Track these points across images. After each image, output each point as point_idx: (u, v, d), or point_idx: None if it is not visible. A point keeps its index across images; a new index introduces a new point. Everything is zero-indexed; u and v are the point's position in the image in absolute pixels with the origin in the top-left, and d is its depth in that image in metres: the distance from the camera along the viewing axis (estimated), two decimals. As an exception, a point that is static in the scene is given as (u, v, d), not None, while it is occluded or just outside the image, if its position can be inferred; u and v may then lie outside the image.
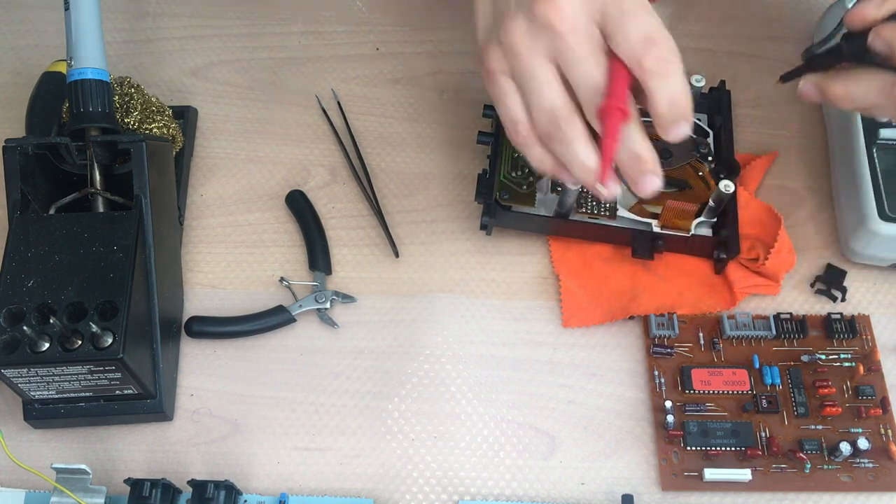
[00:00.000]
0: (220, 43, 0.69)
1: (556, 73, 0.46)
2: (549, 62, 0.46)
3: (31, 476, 0.50)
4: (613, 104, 0.44)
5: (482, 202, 0.57)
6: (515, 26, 0.46)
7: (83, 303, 0.48)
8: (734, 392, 0.54)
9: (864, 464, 0.52)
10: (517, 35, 0.46)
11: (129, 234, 0.51)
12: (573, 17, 0.45)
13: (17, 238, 0.50)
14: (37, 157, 0.53)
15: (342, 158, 0.64)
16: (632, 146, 0.46)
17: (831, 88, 0.50)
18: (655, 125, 0.46)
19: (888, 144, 0.58)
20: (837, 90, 0.50)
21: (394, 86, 0.68)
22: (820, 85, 0.51)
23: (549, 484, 0.52)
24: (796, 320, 0.56)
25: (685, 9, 0.71)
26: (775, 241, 0.56)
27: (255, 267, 0.59)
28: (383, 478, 0.52)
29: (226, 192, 0.62)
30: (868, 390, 0.54)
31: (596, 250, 0.59)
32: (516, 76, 0.47)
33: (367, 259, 0.60)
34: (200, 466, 0.52)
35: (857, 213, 0.57)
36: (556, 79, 0.46)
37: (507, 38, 0.47)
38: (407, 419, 0.53)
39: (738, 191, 0.57)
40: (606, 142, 0.45)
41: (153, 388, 0.51)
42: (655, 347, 0.55)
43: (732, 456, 0.52)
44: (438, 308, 0.57)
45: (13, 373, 0.47)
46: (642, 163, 0.46)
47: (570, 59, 0.45)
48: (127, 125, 0.57)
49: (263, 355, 0.56)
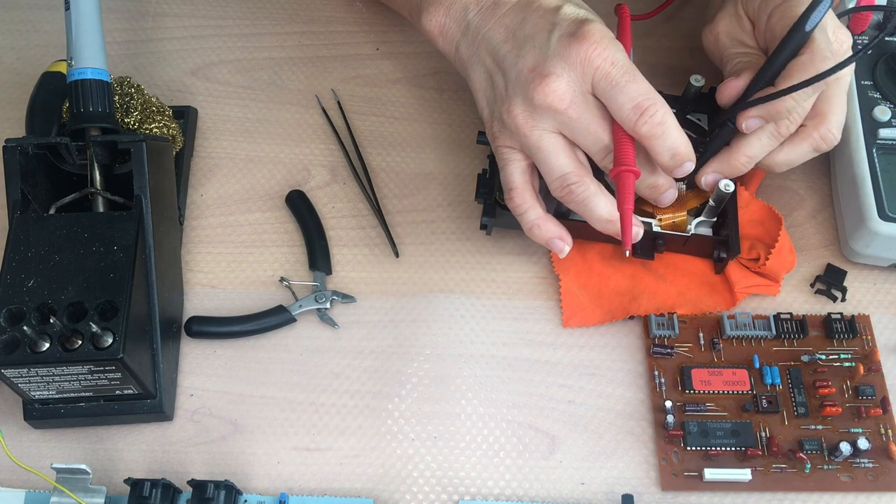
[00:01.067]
0: (220, 43, 0.69)
1: (562, 141, 0.51)
2: (553, 133, 0.51)
3: (31, 476, 0.50)
4: (623, 169, 0.49)
5: (482, 202, 0.57)
6: (516, 111, 0.51)
7: (83, 303, 0.48)
8: (734, 392, 0.54)
9: (864, 464, 0.52)
10: (519, 118, 0.51)
11: (129, 234, 0.51)
12: (570, 95, 0.49)
13: (17, 238, 0.50)
14: (37, 157, 0.53)
15: (342, 158, 0.64)
16: (648, 181, 0.52)
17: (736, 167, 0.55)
18: (661, 169, 0.51)
19: (888, 144, 0.58)
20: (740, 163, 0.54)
21: (394, 86, 0.68)
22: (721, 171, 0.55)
23: (549, 484, 0.52)
24: (796, 320, 0.56)
25: (684, 8, 0.71)
26: (775, 241, 0.56)
27: (255, 267, 0.59)
28: (383, 478, 0.52)
29: (226, 192, 0.62)
30: (868, 390, 0.54)
31: (596, 250, 0.59)
32: (524, 150, 0.52)
33: (367, 259, 0.60)
34: (200, 466, 0.52)
35: (857, 213, 0.57)
36: (561, 147, 0.51)
37: (511, 121, 0.51)
38: (407, 419, 0.53)
39: (738, 191, 0.57)
40: (624, 205, 0.49)
41: (153, 388, 0.51)
42: (655, 347, 0.55)
43: (732, 456, 0.52)
44: (438, 308, 0.57)
45: (13, 373, 0.47)
46: (659, 189, 0.53)
47: (575, 130, 0.50)
48: (127, 125, 0.57)
49: (263, 355, 0.56)
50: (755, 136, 0.53)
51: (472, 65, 0.54)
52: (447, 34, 0.56)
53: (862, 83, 0.60)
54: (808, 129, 0.54)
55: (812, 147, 0.54)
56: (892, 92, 0.60)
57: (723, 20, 0.58)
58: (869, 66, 0.61)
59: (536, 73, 0.49)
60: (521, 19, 0.51)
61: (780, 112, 0.51)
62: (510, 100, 0.51)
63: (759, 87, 0.52)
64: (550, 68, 0.49)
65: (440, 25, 0.56)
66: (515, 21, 0.52)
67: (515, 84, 0.51)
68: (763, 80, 0.52)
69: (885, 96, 0.60)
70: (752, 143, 0.53)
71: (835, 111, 0.53)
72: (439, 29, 0.56)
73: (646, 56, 0.69)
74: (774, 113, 0.51)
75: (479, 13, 0.54)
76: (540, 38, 0.50)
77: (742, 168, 0.54)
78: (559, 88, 0.49)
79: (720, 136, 0.54)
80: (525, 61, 0.50)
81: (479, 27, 0.53)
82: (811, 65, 0.50)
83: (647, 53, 0.69)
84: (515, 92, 0.51)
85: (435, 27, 0.56)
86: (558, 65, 0.49)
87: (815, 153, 0.55)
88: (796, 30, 0.50)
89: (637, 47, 0.69)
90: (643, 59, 0.68)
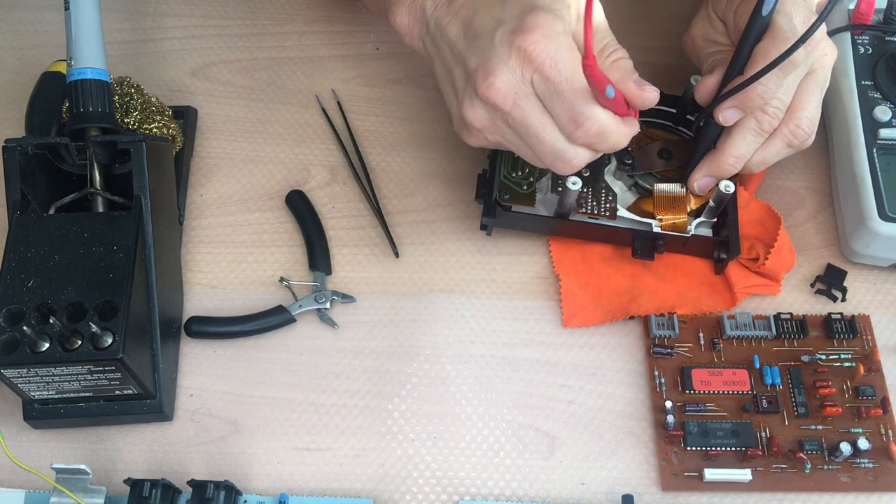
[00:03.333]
0: (220, 43, 0.69)
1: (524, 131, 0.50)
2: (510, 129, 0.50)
3: (31, 476, 0.50)
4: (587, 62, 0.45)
5: (482, 202, 0.57)
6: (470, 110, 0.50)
7: (83, 303, 0.48)
8: (734, 392, 0.54)
9: (865, 464, 0.52)
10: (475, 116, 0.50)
11: (128, 234, 0.50)
12: (512, 96, 0.48)
13: (17, 238, 0.50)
14: (37, 157, 0.53)
15: (342, 158, 0.64)
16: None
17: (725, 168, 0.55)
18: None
19: (888, 144, 0.58)
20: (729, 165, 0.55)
21: (394, 86, 0.68)
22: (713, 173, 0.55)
23: (549, 484, 0.52)
24: (796, 320, 0.56)
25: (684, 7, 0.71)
26: (775, 241, 0.56)
27: (254, 267, 0.59)
28: (383, 478, 0.52)
29: (226, 192, 0.62)
30: (868, 390, 0.54)
31: (596, 250, 0.59)
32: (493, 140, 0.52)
33: (367, 259, 0.60)
34: (200, 466, 0.52)
35: (857, 213, 0.57)
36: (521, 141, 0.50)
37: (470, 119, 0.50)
38: (407, 419, 0.53)
39: (738, 191, 0.57)
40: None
41: (153, 388, 0.51)
42: (655, 347, 0.55)
43: (732, 456, 0.52)
44: (438, 308, 0.57)
45: (13, 373, 0.47)
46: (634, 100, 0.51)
47: (519, 130, 0.49)
48: (127, 125, 0.57)
49: (263, 355, 0.56)
50: (739, 135, 0.53)
51: (434, 61, 0.54)
52: (412, 32, 0.54)
53: (862, 83, 0.60)
54: (780, 125, 0.54)
55: (784, 143, 0.54)
56: (892, 92, 0.60)
57: (696, 24, 0.58)
58: (869, 66, 0.61)
59: (480, 71, 0.48)
60: (473, 13, 0.50)
61: (753, 99, 0.51)
62: (465, 98, 0.50)
63: (731, 79, 0.52)
64: (492, 67, 0.48)
65: (405, 24, 0.54)
66: (468, 15, 0.50)
67: (467, 83, 0.50)
68: (734, 72, 0.52)
69: (885, 96, 0.60)
70: (738, 142, 0.54)
71: (805, 106, 0.54)
72: (404, 28, 0.55)
73: (646, 56, 0.68)
74: (748, 101, 0.51)
75: (437, 9, 0.52)
76: (486, 34, 0.49)
77: (731, 169, 0.54)
78: (501, 88, 0.48)
79: (704, 135, 0.55)
80: (472, 60, 0.49)
81: (438, 23, 0.52)
82: (773, 48, 0.50)
83: (646, 54, 0.69)
84: (467, 92, 0.50)
85: (401, 26, 0.55)
86: (499, 64, 0.47)
87: (789, 150, 0.55)
88: (755, 16, 0.50)
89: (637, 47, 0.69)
90: (643, 60, 0.68)
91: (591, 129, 0.47)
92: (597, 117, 0.47)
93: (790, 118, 0.54)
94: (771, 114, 0.53)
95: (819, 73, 0.54)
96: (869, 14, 0.62)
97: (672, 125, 0.61)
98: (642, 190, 0.58)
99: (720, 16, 0.57)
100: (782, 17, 0.51)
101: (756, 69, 0.50)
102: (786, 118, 0.54)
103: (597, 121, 0.47)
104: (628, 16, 0.71)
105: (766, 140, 0.54)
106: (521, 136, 0.50)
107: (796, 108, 0.54)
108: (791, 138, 0.54)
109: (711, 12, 0.57)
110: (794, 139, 0.54)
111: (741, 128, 0.53)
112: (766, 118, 0.53)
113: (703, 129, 0.55)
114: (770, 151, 0.55)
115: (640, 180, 0.58)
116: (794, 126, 0.54)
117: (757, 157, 0.55)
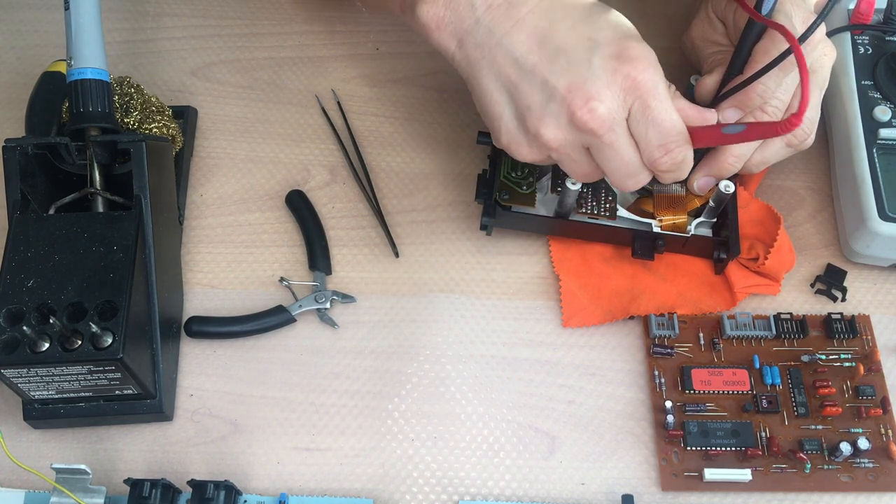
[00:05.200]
0: (220, 43, 0.69)
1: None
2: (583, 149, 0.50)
3: (31, 476, 0.50)
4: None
5: (482, 202, 0.57)
6: (548, 128, 0.49)
7: (83, 303, 0.48)
8: (734, 392, 0.54)
9: (865, 464, 0.52)
10: (550, 135, 0.49)
11: (128, 234, 0.50)
12: (609, 122, 0.47)
13: (17, 238, 0.50)
14: (37, 157, 0.53)
15: (342, 158, 0.64)
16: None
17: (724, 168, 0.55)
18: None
19: (888, 144, 0.58)
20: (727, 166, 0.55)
21: (394, 86, 0.68)
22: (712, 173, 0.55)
23: (549, 484, 0.52)
24: (796, 320, 0.56)
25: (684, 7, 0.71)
26: (775, 241, 0.56)
27: (254, 267, 0.59)
28: (383, 478, 0.52)
29: (226, 192, 0.62)
30: (868, 390, 0.54)
31: (596, 250, 0.59)
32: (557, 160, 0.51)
33: (367, 259, 0.60)
34: (200, 466, 0.52)
35: (857, 213, 0.57)
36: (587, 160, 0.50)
37: (544, 137, 0.49)
38: (407, 419, 0.53)
39: (738, 191, 0.57)
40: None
41: (153, 388, 0.51)
42: (655, 347, 0.55)
43: (732, 456, 0.52)
44: (438, 308, 0.57)
45: (13, 373, 0.47)
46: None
47: (603, 153, 0.49)
48: (127, 125, 0.57)
49: (263, 355, 0.56)
50: None
51: (482, 70, 0.50)
52: (447, 29, 0.51)
53: (862, 83, 0.60)
54: None
55: (784, 143, 0.54)
56: (892, 92, 0.60)
57: (696, 25, 0.59)
58: (869, 66, 0.61)
59: (578, 94, 0.47)
60: (549, 25, 0.48)
61: (752, 98, 0.51)
62: (547, 117, 0.48)
63: (731, 79, 0.52)
64: (595, 91, 0.47)
65: (438, 18, 0.51)
66: (541, 27, 0.48)
67: (551, 101, 0.48)
68: (734, 72, 0.52)
69: (886, 96, 0.60)
70: None
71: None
72: (437, 22, 0.51)
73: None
74: (747, 101, 0.51)
75: (490, 11, 0.49)
76: (578, 53, 0.47)
77: (731, 168, 0.54)
78: (602, 114, 0.47)
79: None
80: (561, 79, 0.47)
81: (492, 28, 0.49)
82: (773, 47, 0.50)
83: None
84: (549, 110, 0.48)
85: (432, 20, 0.51)
86: (603, 89, 0.47)
87: (789, 150, 0.55)
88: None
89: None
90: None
91: (678, 158, 0.49)
92: (685, 148, 0.49)
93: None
94: (770, 113, 0.53)
95: (818, 73, 0.54)
96: (869, 14, 0.62)
97: (672, 125, 0.61)
98: (642, 190, 0.58)
99: (720, 16, 0.57)
100: (781, 17, 0.51)
101: (756, 69, 0.50)
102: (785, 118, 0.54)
103: (684, 151, 0.49)
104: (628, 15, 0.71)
105: (766, 140, 0.54)
106: (600, 157, 0.49)
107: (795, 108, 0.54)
108: (790, 138, 0.54)
109: (711, 13, 0.58)
110: (794, 139, 0.54)
111: None
112: (765, 118, 0.53)
113: None
114: (770, 151, 0.55)
115: (640, 180, 0.58)
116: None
117: (757, 157, 0.55)
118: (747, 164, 0.55)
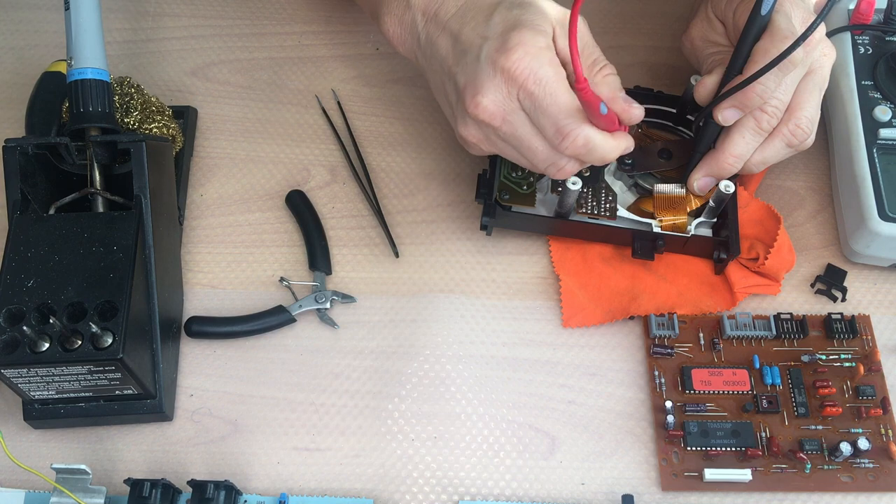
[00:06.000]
0: (220, 43, 0.69)
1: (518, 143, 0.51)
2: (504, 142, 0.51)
3: (31, 476, 0.50)
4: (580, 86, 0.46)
5: (482, 202, 0.57)
6: (464, 127, 0.51)
7: (83, 303, 0.48)
8: (734, 392, 0.54)
9: (865, 464, 0.52)
10: (470, 133, 0.51)
11: (129, 234, 0.50)
12: (500, 112, 0.49)
13: (17, 238, 0.50)
14: (37, 157, 0.53)
15: (342, 158, 0.64)
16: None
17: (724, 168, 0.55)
18: None
19: (888, 144, 0.58)
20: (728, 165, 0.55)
21: (394, 86, 0.68)
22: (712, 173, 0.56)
23: (549, 484, 0.52)
24: (796, 320, 0.56)
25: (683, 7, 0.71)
26: (775, 241, 0.56)
27: (254, 267, 0.59)
28: (383, 478, 0.52)
29: (226, 192, 0.62)
30: (868, 390, 0.54)
31: (596, 250, 0.59)
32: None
33: (367, 259, 0.60)
34: (200, 466, 0.52)
35: (857, 213, 0.57)
36: (516, 151, 0.51)
37: (465, 136, 0.52)
38: (407, 419, 0.53)
39: (738, 191, 0.57)
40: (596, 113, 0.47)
41: (153, 388, 0.51)
42: (656, 347, 0.55)
43: (732, 456, 0.52)
44: (438, 308, 0.57)
45: (13, 373, 0.47)
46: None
47: (512, 144, 0.51)
48: (127, 125, 0.57)
49: (263, 355, 0.56)
50: (738, 134, 0.53)
51: (429, 77, 0.55)
52: (404, 44, 0.56)
53: (862, 83, 0.60)
54: (779, 125, 0.54)
55: (784, 143, 0.55)
56: (892, 92, 0.60)
57: (696, 25, 0.59)
58: (869, 66, 0.61)
59: (468, 90, 0.49)
60: (459, 29, 0.51)
61: (752, 98, 0.51)
62: (457, 115, 0.52)
63: (730, 79, 0.52)
64: (479, 85, 0.49)
65: (396, 35, 0.56)
66: (457, 29, 0.51)
67: (458, 100, 0.51)
68: (733, 72, 0.52)
69: (886, 96, 0.60)
70: (737, 141, 0.54)
71: (804, 106, 0.54)
72: (395, 38, 0.56)
73: (646, 56, 0.69)
74: (747, 101, 0.51)
75: (427, 24, 0.53)
76: (473, 50, 0.50)
77: (731, 168, 0.55)
78: (489, 106, 0.49)
79: (704, 135, 0.55)
80: (461, 77, 0.50)
81: (429, 38, 0.53)
82: (772, 47, 0.50)
83: (647, 54, 0.69)
84: (458, 108, 0.51)
85: (392, 36, 0.56)
86: (485, 81, 0.48)
87: (789, 150, 0.55)
88: (754, 16, 0.50)
89: (637, 47, 0.69)
90: (643, 60, 0.68)
91: (577, 142, 0.48)
92: (581, 130, 0.48)
93: (789, 118, 0.54)
94: (770, 113, 0.53)
95: (818, 73, 0.54)
96: (869, 14, 0.62)
97: (672, 125, 0.61)
98: (642, 190, 0.58)
99: (719, 16, 0.57)
100: (781, 17, 0.51)
101: (755, 68, 0.50)
102: (785, 118, 0.54)
103: (582, 134, 0.48)
104: (628, 15, 0.71)
105: (766, 140, 0.54)
106: (515, 147, 0.51)
107: (795, 107, 0.54)
108: (790, 138, 0.54)
109: (710, 13, 0.58)
110: (794, 139, 0.54)
111: (740, 127, 0.53)
112: (764, 117, 0.53)
113: (703, 129, 0.55)
114: (770, 151, 0.55)
115: (640, 180, 0.58)
116: (794, 126, 0.54)
117: (756, 157, 0.55)
118: (747, 164, 0.55)
